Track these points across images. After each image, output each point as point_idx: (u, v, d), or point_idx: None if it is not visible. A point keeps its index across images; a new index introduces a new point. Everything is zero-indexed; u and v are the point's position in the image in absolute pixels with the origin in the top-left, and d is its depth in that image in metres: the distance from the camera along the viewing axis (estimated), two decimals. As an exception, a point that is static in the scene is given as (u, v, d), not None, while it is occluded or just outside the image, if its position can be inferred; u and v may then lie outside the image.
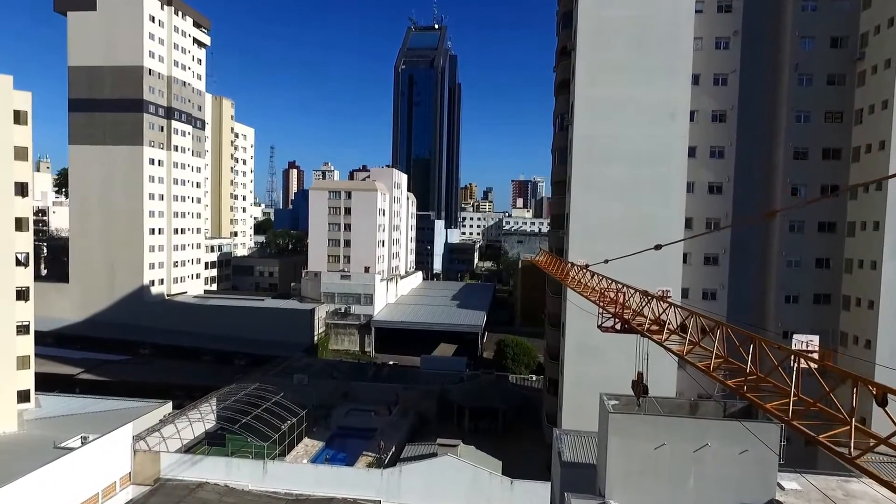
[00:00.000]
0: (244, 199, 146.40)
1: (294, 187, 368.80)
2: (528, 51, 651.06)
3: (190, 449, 53.74)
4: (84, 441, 44.68)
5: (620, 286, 22.45)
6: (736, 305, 50.90)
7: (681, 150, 47.33)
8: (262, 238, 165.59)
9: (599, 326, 21.57)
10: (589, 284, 26.17)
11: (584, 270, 27.28)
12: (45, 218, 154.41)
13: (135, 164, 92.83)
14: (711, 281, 51.06)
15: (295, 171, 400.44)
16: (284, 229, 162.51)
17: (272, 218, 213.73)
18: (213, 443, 54.18)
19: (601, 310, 21.98)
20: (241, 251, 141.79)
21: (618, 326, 20.39)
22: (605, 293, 22.18)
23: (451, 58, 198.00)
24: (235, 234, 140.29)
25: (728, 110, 50.20)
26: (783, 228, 49.98)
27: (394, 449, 53.01)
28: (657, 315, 19.15)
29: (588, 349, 47.33)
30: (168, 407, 57.52)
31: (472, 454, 49.74)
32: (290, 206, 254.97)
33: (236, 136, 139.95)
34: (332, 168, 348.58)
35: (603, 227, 47.61)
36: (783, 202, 49.87)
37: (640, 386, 20.58)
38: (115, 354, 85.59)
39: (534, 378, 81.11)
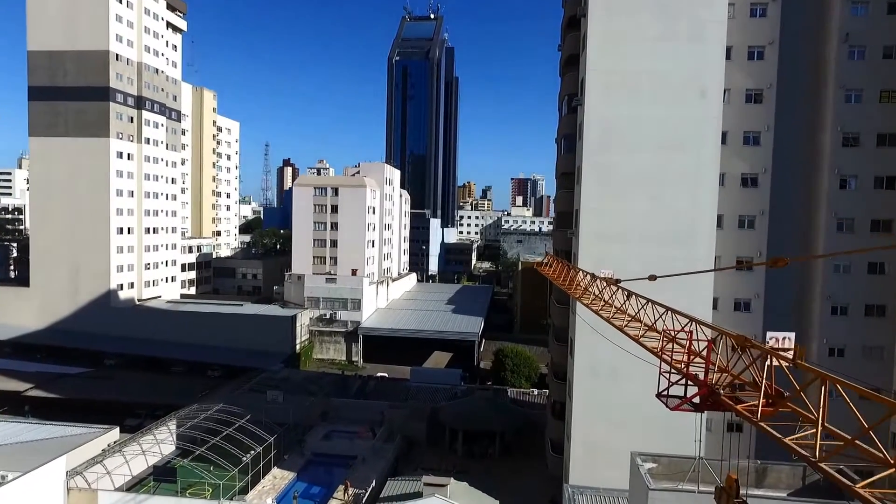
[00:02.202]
0: (228, 196, 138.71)
1: (288, 185, 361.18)
2: (529, 44, 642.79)
3: (137, 484, 46.34)
4: (2, 480, 37.23)
5: (686, 323, 14.84)
6: (773, 318, 43.49)
7: (712, 133, 39.85)
8: (249, 238, 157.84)
9: (659, 396, 13.88)
10: (623, 309, 18.62)
11: (613, 287, 19.75)
12: (20, 216, 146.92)
13: (100, 157, 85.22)
14: (745, 290, 43.61)
15: (290, 168, 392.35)
16: (271, 228, 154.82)
17: (262, 217, 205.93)
18: (162, 478, 46.63)
19: (665, 369, 14.30)
20: (225, 252, 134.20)
21: (697, 400, 12.78)
22: (664, 335, 14.40)
23: (448, 50, 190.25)
24: (218, 233, 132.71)
25: (765, 89, 42.72)
26: (830, 228, 42.59)
27: (371, 488, 45.37)
28: (770, 383, 11.61)
29: (602, 371, 39.95)
30: (115, 433, 49.94)
31: (464, 494, 42.35)
32: (282, 205, 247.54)
33: (219, 129, 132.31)
34: (328, 166, 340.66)
35: (619, 227, 40.20)
36: (831, 196, 42.54)
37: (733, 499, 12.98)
38: (77, 366, 78.07)
39: (535, 392, 73.77)
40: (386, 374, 79.51)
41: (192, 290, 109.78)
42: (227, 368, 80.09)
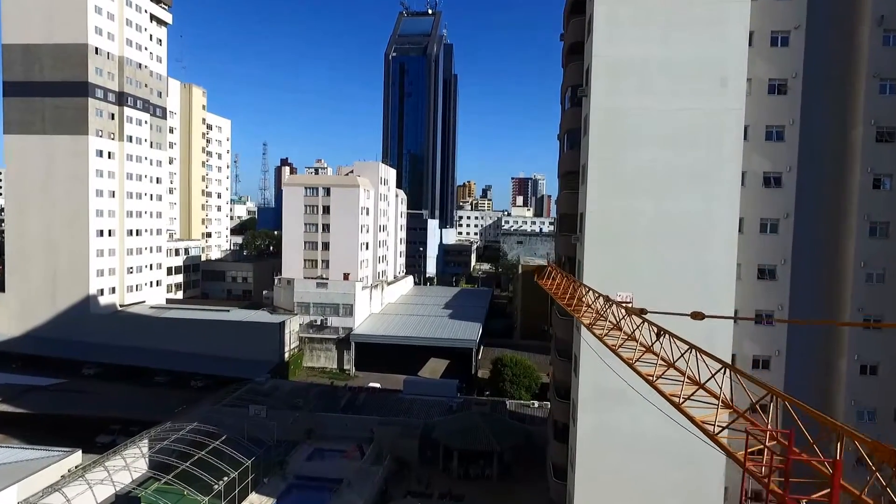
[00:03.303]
0: (219, 196, 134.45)
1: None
2: (530, 42, 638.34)
3: (98, 515, 42.29)
4: (-61, 516, 33.28)
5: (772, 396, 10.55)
6: (798, 332, 39.40)
7: (734, 127, 35.69)
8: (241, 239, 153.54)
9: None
10: (651, 349, 14.39)
11: (637, 319, 15.54)
12: (2, 217, 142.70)
13: (79, 156, 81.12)
14: (767, 300, 39.38)
15: (287, 168, 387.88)
16: (263, 230, 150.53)
17: (256, 217, 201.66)
18: (124, 509, 42.55)
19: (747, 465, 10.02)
20: (216, 254, 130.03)
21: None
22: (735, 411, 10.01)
23: (447, 46, 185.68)
24: (209, 235, 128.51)
25: (789, 79, 38.45)
26: (862, 230, 38.37)
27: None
28: None
29: (610, 394, 35.65)
30: (76, 457, 45.96)
31: (457, 527, 38.20)
32: (279, 205, 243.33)
33: (209, 127, 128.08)
34: (326, 165, 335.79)
35: (629, 231, 36.02)
36: (862, 197, 38.30)
37: None
38: (52, 377, 73.89)
39: (535, 405, 69.58)
40: (378, 385, 75.34)
41: (180, 295, 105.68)
42: (211, 378, 76.03)
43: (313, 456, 54.52)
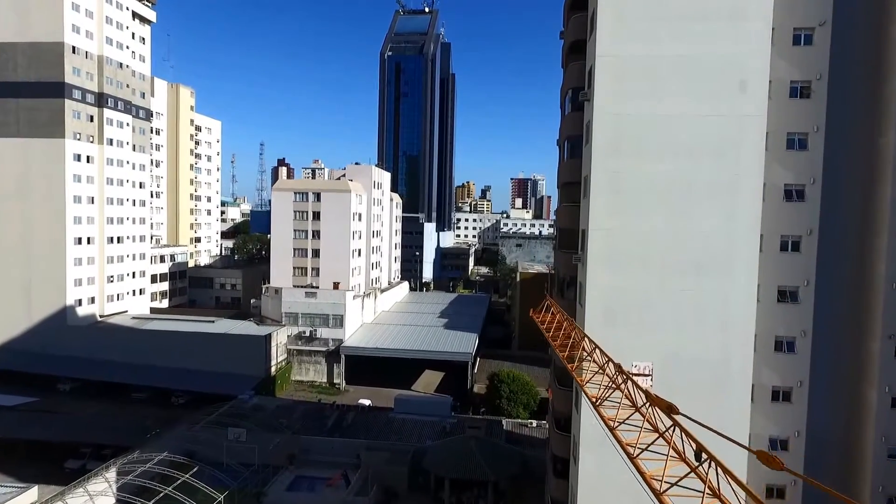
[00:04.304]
0: (209, 200, 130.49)
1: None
2: (531, 40, 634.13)
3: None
4: None
5: None
6: (822, 359, 35.73)
7: (754, 135, 31.97)
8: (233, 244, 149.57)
9: None
10: (687, 461, 10.58)
11: (663, 415, 11.74)
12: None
13: (55, 160, 77.33)
14: (788, 325, 35.63)
15: (284, 168, 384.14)
16: (256, 234, 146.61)
17: (250, 220, 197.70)
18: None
19: None
20: (206, 260, 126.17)
21: None
22: None
23: (444, 45, 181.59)
24: (198, 240, 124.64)
25: (814, 80, 34.68)
26: (892, 248, 34.60)
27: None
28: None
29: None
30: (33, 493, 42.17)
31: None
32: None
33: (198, 129, 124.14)
34: (322, 165, 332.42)
35: (637, 251, 32.27)
36: (893, 211, 34.53)
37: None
38: (24, 394, 70.08)
39: (534, 424, 65.95)
40: (368, 402, 71.60)
41: (165, 303, 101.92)
42: (193, 395, 72.38)
43: (295, 485, 50.76)
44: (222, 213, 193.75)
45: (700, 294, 32.10)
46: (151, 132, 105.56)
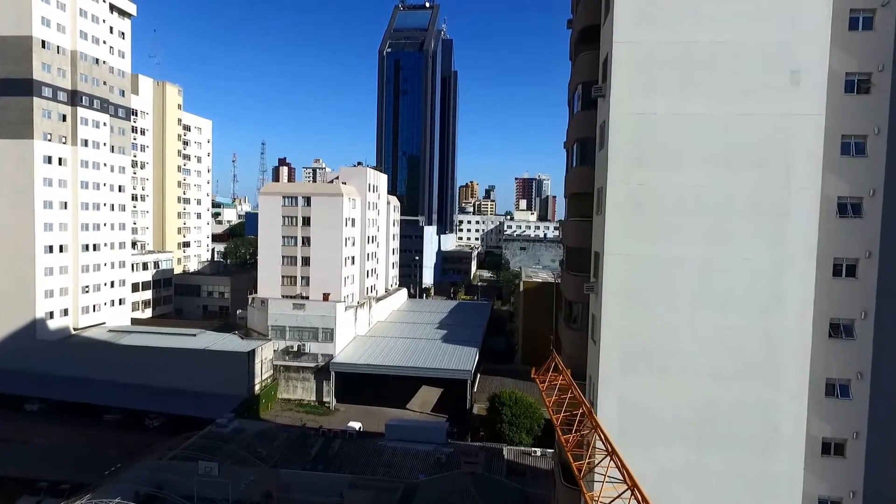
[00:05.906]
0: (199, 202, 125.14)
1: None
2: (538, 37, 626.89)
3: None
4: None
5: None
6: (882, 406, 29.91)
7: (810, 138, 26.16)
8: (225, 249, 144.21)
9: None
10: None
11: None
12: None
13: (24, 162, 72.05)
14: (841, 366, 29.77)
15: (286, 168, 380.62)
16: (249, 237, 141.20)
17: (245, 222, 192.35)
18: None
19: None
20: (195, 265, 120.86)
21: None
22: None
23: (446, 42, 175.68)
24: (187, 244, 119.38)
25: (874, 72, 28.70)
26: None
27: None
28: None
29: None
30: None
31: None
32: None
33: (187, 128, 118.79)
34: (324, 165, 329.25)
35: (664, 283, 26.49)
36: (971, 231, 28.64)
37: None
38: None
39: (538, 453, 60.24)
40: (358, 425, 65.98)
41: (148, 313, 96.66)
42: (169, 417, 67.07)
43: (268, 531, 45.29)
44: (217, 215, 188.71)
45: (741, 333, 26.34)
46: (134, 132, 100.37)
